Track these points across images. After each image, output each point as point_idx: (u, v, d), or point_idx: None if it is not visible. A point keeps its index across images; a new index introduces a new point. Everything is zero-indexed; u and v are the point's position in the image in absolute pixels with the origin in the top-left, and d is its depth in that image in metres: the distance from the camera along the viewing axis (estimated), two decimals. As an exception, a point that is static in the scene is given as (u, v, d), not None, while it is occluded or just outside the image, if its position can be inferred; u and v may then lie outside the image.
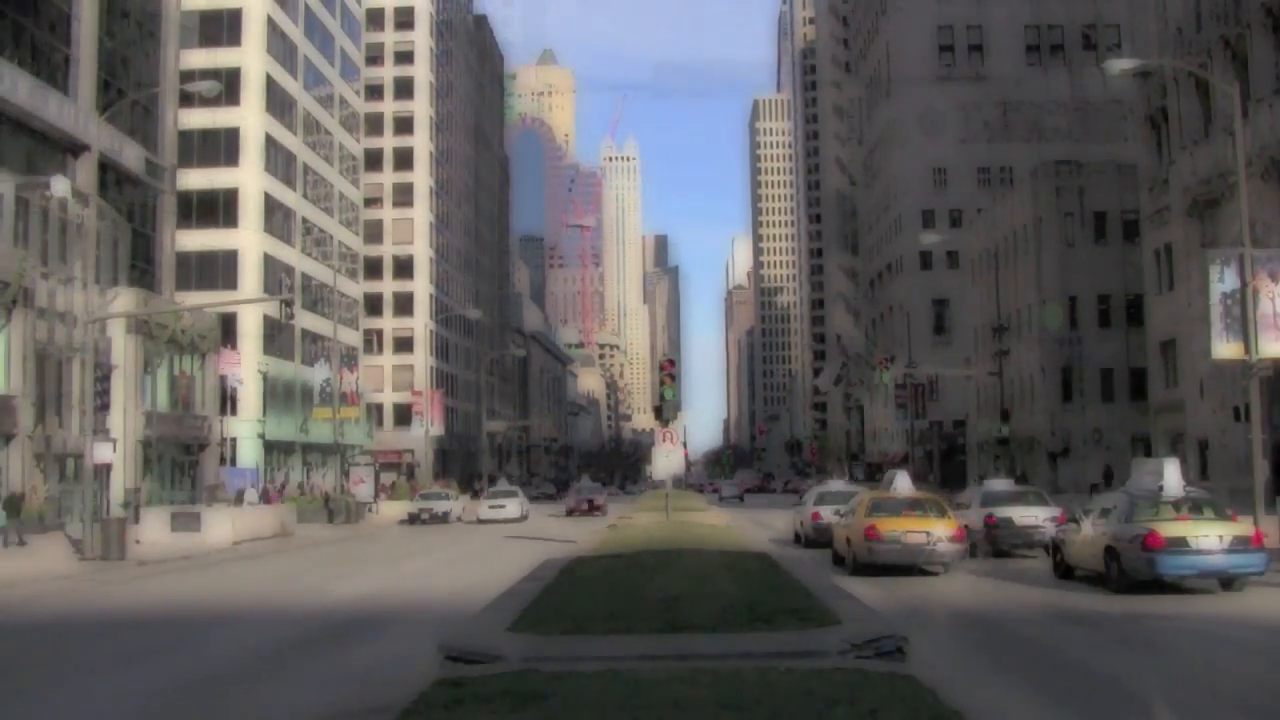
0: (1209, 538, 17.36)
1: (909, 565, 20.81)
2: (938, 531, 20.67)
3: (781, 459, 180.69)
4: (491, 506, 49.19)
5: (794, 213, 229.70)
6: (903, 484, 23.48)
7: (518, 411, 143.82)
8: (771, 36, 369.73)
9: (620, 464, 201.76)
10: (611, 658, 9.58)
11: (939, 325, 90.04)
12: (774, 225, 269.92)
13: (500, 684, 8.50)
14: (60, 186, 42.42)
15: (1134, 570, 17.57)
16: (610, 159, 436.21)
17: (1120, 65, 31.88)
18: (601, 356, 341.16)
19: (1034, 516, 24.71)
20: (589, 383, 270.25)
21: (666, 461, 33.38)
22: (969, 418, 76.68)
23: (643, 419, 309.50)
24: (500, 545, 33.78)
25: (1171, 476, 18.52)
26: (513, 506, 49.16)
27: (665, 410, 32.95)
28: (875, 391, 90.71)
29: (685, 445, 51.20)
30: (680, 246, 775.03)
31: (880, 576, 20.29)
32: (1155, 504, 18.36)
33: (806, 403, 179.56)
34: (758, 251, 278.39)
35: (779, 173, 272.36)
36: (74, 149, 47.70)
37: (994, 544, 25.05)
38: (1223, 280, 27.05)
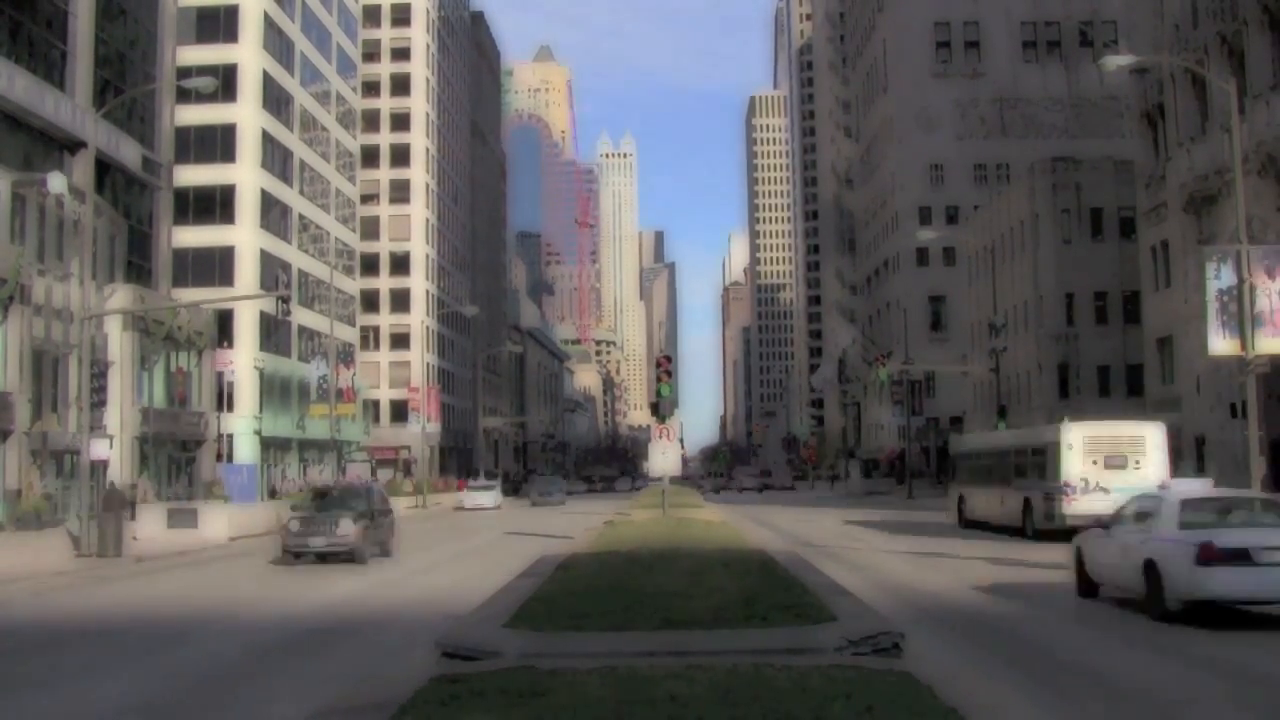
0: None
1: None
2: None
3: (778, 455, 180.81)
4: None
5: (791, 209, 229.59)
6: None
7: (514, 408, 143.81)
8: (769, 33, 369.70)
9: (617, 460, 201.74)
10: (608, 654, 9.58)
11: (936, 322, 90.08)
12: (771, 222, 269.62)
13: (497, 680, 8.50)
14: (57, 183, 42.35)
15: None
16: (607, 155, 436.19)
17: (1117, 62, 31.90)
18: (598, 353, 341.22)
19: None
20: (586, 379, 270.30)
21: (663, 459, 33.26)
22: (965, 414, 76.74)
23: (639, 415, 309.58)
24: (498, 541, 33.83)
25: None
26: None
27: (662, 407, 32.86)
28: (872, 388, 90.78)
29: (682, 442, 51.21)
30: (677, 242, 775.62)
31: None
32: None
33: (803, 399, 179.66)
34: (755, 248, 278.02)
35: (776, 169, 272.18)
36: (70, 146, 47.64)
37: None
38: (1219, 277, 27.06)
